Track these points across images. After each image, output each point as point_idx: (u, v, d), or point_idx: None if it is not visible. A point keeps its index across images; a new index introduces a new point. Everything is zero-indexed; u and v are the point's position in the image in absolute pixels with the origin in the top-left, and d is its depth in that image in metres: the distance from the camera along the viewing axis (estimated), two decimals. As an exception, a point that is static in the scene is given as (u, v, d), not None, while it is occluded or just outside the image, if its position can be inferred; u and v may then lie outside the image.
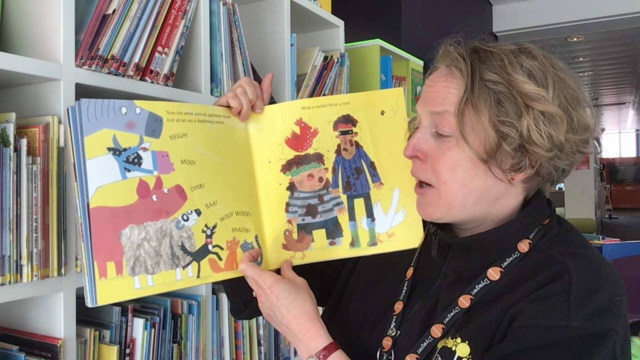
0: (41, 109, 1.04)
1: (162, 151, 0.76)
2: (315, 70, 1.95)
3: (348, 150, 0.87)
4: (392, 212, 0.87)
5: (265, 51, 1.78)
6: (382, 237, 0.88)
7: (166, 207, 0.76)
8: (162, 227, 0.75)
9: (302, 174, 0.87)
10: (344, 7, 2.62)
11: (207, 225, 0.79)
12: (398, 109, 0.88)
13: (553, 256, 0.74)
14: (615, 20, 5.05)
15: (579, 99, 0.75)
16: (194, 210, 0.78)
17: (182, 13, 1.29)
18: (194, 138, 0.79)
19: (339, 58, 2.06)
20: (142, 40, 1.18)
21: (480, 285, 0.76)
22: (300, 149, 0.87)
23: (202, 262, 0.79)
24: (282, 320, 0.79)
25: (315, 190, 0.87)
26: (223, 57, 1.44)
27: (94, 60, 1.08)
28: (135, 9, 1.15)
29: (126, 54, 1.15)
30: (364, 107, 0.88)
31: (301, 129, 0.87)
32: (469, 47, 0.77)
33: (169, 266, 0.75)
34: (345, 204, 0.87)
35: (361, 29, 3.06)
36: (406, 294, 0.83)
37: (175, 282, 0.76)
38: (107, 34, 1.10)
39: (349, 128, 0.88)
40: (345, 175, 0.87)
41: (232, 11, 1.50)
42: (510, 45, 0.77)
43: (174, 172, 0.77)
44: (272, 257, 0.87)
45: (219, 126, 0.83)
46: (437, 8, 3.91)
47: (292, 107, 0.88)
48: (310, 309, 0.80)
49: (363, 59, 2.48)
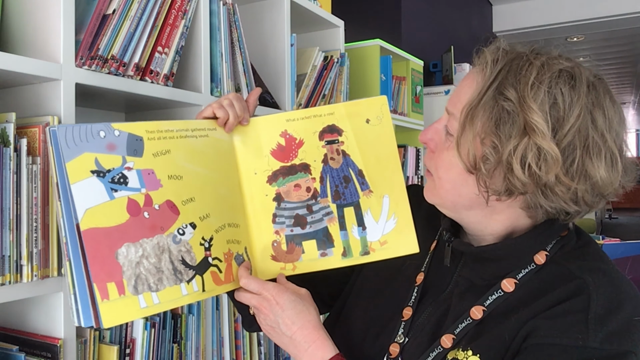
0: (41, 109, 1.04)
1: (147, 169, 0.77)
2: (315, 70, 1.95)
3: (335, 159, 0.87)
4: (383, 219, 0.87)
5: (265, 51, 1.78)
6: (374, 246, 0.87)
7: (160, 222, 0.76)
8: (159, 242, 0.75)
9: (289, 185, 0.87)
10: (344, 7, 2.62)
11: (204, 237, 0.80)
12: (383, 117, 0.88)
13: (571, 270, 0.71)
14: (615, 20, 5.05)
15: (604, 146, 0.67)
16: (188, 224, 0.79)
17: (182, 13, 1.29)
18: (178, 153, 0.80)
19: (339, 58, 2.06)
20: (142, 40, 1.18)
21: (493, 296, 0.73)
22: (285, 159, 0.87)
23: (205, 275, 0.79)
24: (287, 332, 0.78)
25: (303, 201, 0.87)
26: (223, 57, 1.44)
27: (94, 60, 1.08)
28: (135, 9, 1.15)
29: (126, 54, 1.15)
30: (349, 117, 0.88)
31: (286, 140, 0.87)
32: (513, 51, 0.72)
33: (173, 282, 0.75)
34: (335, 214, 0.87)
35: (361, 29, 3.06)
36: (416, 300, 0.81)
37: (182, 298, 0.76)
38: (107, 34, 1.10)
39: (334, 137, 0.88)
40: (333, 184, 0.87)
41: (232, 11, 1.50)
42: (566, 61, 0.70)
43: (163, 188, 0.77)
44: (261, 269, 0.87)
45: (204, 140, 0.83)
46: (437, 8, 3.90)
47: (277, 120, 0.88)
48: (315, 320, 0.79)
49: (363, 59, 2.48)
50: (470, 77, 0.75)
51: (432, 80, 3.62)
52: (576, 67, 0.69)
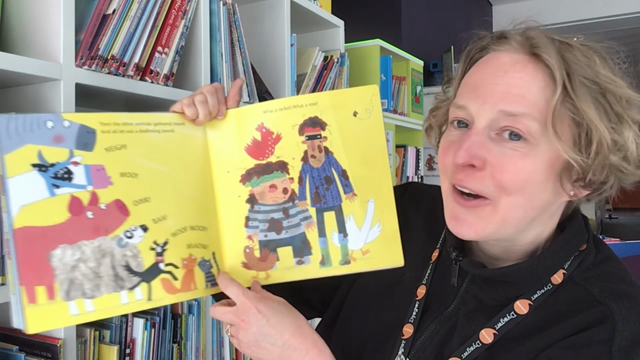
0: (41, 109, 1.04)
1: (97, 165, 0.70)
2: (315, 70, 1.95)
3: (316, 157, 0.78)
4: (367, 226, 0.78)
5: (265, 51, 1.78)
6: (355, 255, 0.78)
7: (105, 224, 0.70)
8: (101, 246, 0.69)
9: (264, 185, 0.78)
10: (344, 7, 2.62)
11: (156, 242, 0.73)
12: (373, 110, 0.78)
13: (593, 294, 0.64)
14: (615, 20, 5.05)
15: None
16: (138, 226, 0.72)
17: (182, 13, 1.29)
18: (136, 149, 0.73)
19: (339, 58, 2.06)
20: (142, 40, 1.18)
21: (505, 318, 0.67)
22: (261, 157, 0.78)
23: (153, 282, 0.72)
24: (277, 342, 0.70)
25: (279, 203, 0.78)
26: (223, 57, 1.44)
27: (94, 60, 1.08)
28: (135, 9, 1.15)
29: (126, 54, 1.15)
30: (334, 108, 0.78)
31: (262, 134, 0.78)
32: (538, 31, 0.65)
33: (112, 289, 0.69)
34: (314, 218, 0.78)
35: (361, 29, 3.06)
36: (417, 316, 0.74)
37: (121, 306, 0.69)
38: (107, 34, 1.10)
39: (316, 132, 0.78)
40: (313, 185, 0.78)
41: (232, 11, 1.50)
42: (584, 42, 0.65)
43: (112, 186, 0.71)
44: (232, 277, 0.80)
45: (168, 135, 0.77)
46: (437, 8, 3.91)
47: (253, 111, 0.79)
48: (305, 324, 0.72)
49: (363, 59, 2.48)
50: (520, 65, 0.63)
51: (432, 80, 3.62)
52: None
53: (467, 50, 0.71)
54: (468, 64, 0.71)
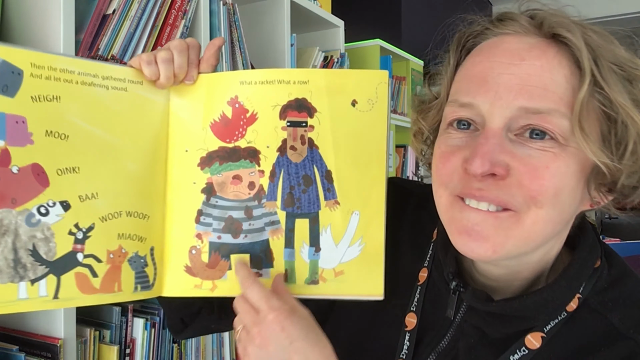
0: (41, 109, 1.04)
1: (17, 115, 0.56)
2: (315, 70, 1.95)
3: (297, 150, 0.63)
4: (346, 242, 0.64)
5: (265, 51, 1.78)
6: (326, 275, 0.64)
7: (12, 192, 0.55)
8: (3, 220, 0.54)
9: (226, 174, 0.64)
10: (344, 7, 2.62)
11: (77, 225, 0.58)
12: (377, 101, 0.63)
13: (615, 325, 0.55)
14: (615, 20, 5.05)
15: None
16: (58, 202, 0.57)
17: (182, 13, 1.29)
18: (72, 104, 0.58)
19: (339, 58, 2.06)
20: (142, 40, 1.18)
21: (516, 355, 0.56)
22: (228, 138, 0.63)
23: (64, 276, 0.57)
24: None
25: (242, 200, 0.64)
26: (223, 57, 1.44)
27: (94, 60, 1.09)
28: (135, 9, 1.15)
29: (126, 54, 1.15)
30: (328, 92, 0.63)
31: (234, 111, 0.63)
32: (546, 12, 0.54)
33: (7, 277, 0.54)
34: (283, 225, 0.64)
35: (361, 29, 3.06)
36: (409, 351, 0.61)
37: (17, 302, 0.55)
38: (107, 34, 1.10)
39: (302, 118, 0.63)
40: (288, 184, 0.63)
41: (232, 11, 1.50)
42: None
43: (32, 146, 0.56)
44: (168, 282, 0.65)
45: (118, 94, 0.61)
46: (437, 8, 3.91)
47: (228, 80, 0.64)
48: (332, 356, 0.57)
49: (363, 59, 2.49)
50: (539, 51, 0.52)
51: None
52: None
53: (457, 37, 0.60)
54: (461, 54, 0.59)
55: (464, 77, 0.56)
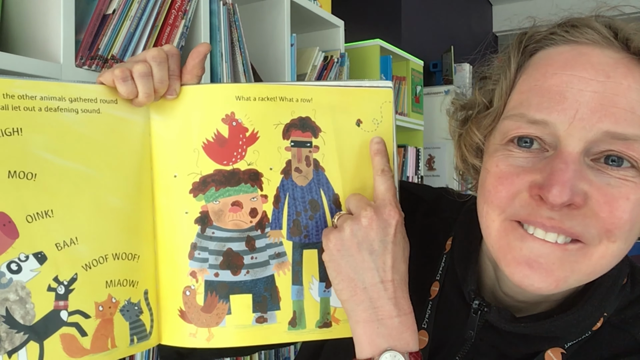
0: (41, 109, 1.04)
1: None
2: (315, 70, 1.95)
3: (302, 172, 0.57)
4: None
5: (265, 51, 1.78)
6: (338, 315, 0.58)
7: None
8: None
9: (224, 201, 0.56)
10: (344, 7, 2.62)
11: (57, 278, 0.50)
12: (382, 121, 0.59)
13: (637, 340, 0.53)
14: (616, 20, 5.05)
15: None
16: (31, 255, 0.49)
17: (182, 13, 1.29)
18: (36, 136, 0.50)
19: (339, 58, 2.06)
20: (142, 40, 1.18)
21: None
22: (225, 160, 0.56)
23: (47, 341, 0.49)
24: (379, 276, 0.51)
25: (243, 229, 0.56)
26: (223, 57, 1.44)
27: (94, 60, 1.08)
28: (135, 9, 1.15)
29: (126, 54, 1.15)
30: (332, 111, 0.58)
31: (231, 129, 0.56)
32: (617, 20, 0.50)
33: None
34: (290, 257, 0.57)
35: (361, 29, 3.06)
36: None
37: None
38: (107, 34, 1.10)
39: (307, 138, 0.57)
40: (293, 210, 0.57)
41: (232, 11, 1.50)
42: None
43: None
44: (165, 330, 0.57)
45: (90, 117, 0.53)
46: (437, 8, 3.91)
47: (222, 94, 0.56)
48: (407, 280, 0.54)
49: (363, 59, 2.49)
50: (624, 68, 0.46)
51: (432, 80, 3.62)
52: None
53: (518, 38, 0.54)
54: (522, 58, 0.52)
55: (534, 89, 0.49)
